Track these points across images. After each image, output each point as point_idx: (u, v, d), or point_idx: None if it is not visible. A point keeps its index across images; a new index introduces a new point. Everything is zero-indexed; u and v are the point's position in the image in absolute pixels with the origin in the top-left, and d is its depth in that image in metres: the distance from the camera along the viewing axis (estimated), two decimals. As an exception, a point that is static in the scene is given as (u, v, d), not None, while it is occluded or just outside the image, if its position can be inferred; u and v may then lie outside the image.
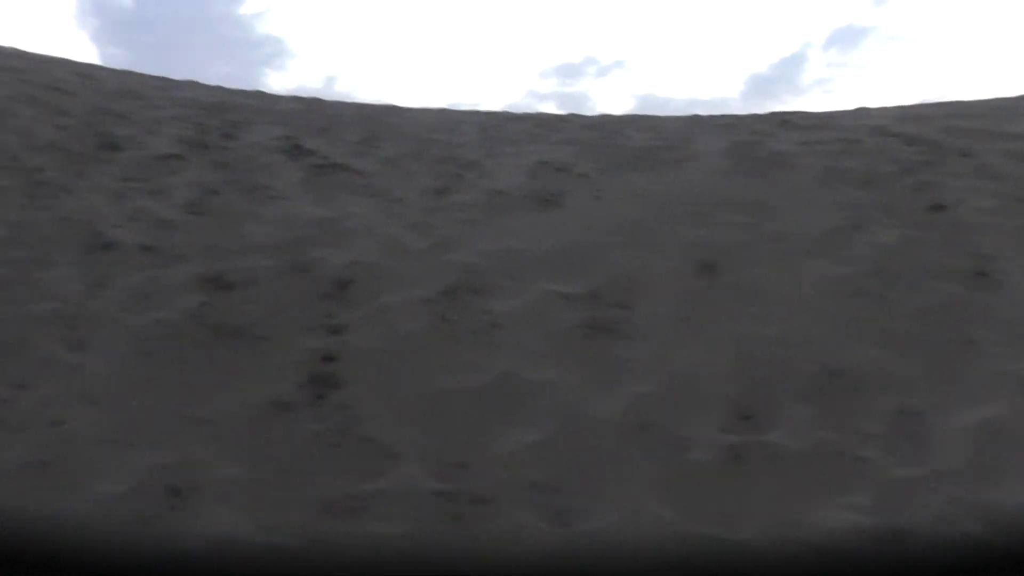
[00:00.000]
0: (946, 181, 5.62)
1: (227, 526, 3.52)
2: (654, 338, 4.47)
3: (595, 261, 4.94)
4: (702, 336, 4.49)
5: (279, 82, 26.49)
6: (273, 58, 27.04)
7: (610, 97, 26.26)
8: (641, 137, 6.15)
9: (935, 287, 4.77)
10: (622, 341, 4.44)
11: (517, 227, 5.19)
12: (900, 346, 4.41)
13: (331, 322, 4.58)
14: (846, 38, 27.08)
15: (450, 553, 3.46)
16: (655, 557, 3.49)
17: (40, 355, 4.30)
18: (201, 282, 4.79)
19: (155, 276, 4.81)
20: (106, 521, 3.55)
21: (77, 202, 5.40)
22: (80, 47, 26.60)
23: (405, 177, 5.59)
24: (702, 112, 6.88)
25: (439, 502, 3.60)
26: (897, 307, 4.65)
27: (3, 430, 3.88)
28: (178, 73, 7.64)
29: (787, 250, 5.06)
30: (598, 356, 4.35)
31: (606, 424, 4.00)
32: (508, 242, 5.06)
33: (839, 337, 4.46)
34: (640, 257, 4.95)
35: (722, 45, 29.83)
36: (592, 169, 5.67)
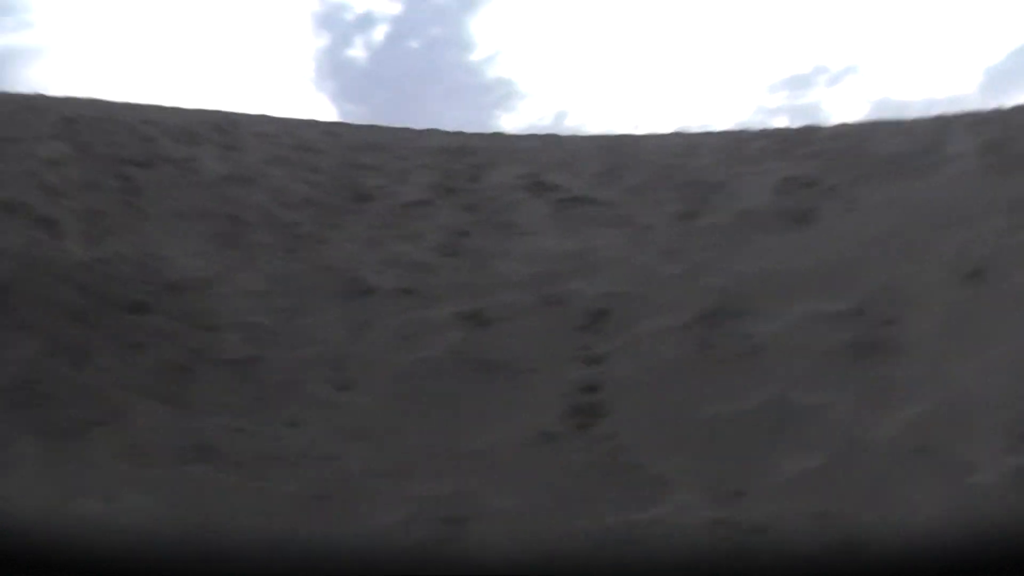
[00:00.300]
0: None
1: (503, 555, 3.56)
2: (925, 354, 4.24)
3: (855, 276, 4.75)
4: (976, 350, 4.23)
5: (511, 122, 27.22)
6: (504, 100, 27.88)
7: (844, 105, 25.40)
8: (888, 143, 5.92)
9: None
10: (892, 359, 4.23)
11: (771, 246, 5.07)
12: None
13: (589, 353, 4.59)
14: (1085, 19, 25.17)
15: (729, 582, 3.38)
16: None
17: (309, 395, 4.50)
18: (459, 320, 4.90)
19: (415, 317, 4.96)
20: (385, 551, 3.65)
21: (334, 252, 5.64)
22: (321, 108, 28.28)
23: (650, 204, 5.58)
24: (941, 111, 6.54)
25: (717, 530, 3.52)
26: None
27: (279, 466, 4.06)
28: (414, 122, 7.93)
29: (1057, 253, 4.74)
30: (869, 376, 4.17)
31: (883, 447, 3.82)
32: (763, 262, 4.95)
33: None
34: (902, 269, 4.74)
35: (954, 39, 28.39)
36: (841, 181, 5.49)
